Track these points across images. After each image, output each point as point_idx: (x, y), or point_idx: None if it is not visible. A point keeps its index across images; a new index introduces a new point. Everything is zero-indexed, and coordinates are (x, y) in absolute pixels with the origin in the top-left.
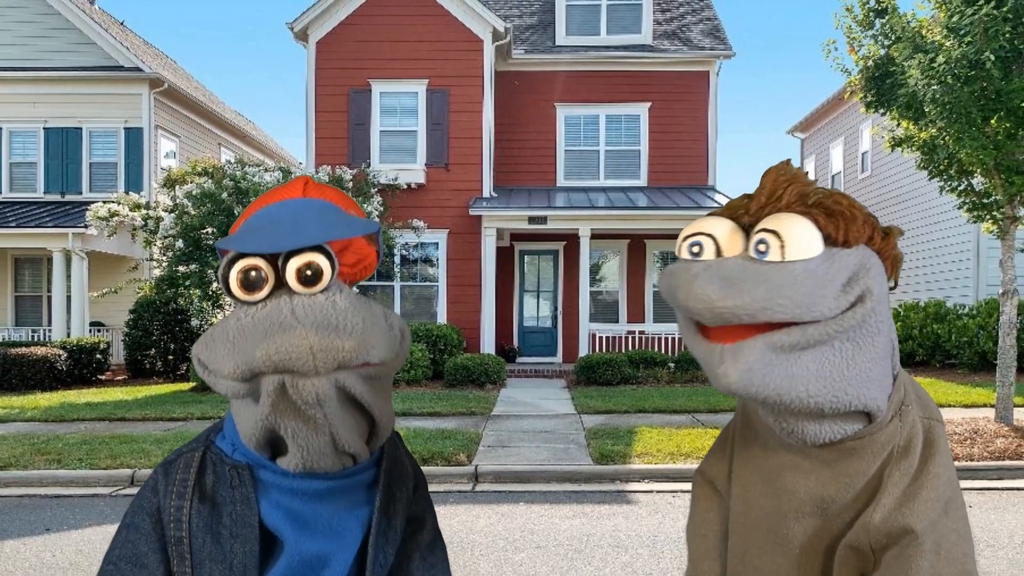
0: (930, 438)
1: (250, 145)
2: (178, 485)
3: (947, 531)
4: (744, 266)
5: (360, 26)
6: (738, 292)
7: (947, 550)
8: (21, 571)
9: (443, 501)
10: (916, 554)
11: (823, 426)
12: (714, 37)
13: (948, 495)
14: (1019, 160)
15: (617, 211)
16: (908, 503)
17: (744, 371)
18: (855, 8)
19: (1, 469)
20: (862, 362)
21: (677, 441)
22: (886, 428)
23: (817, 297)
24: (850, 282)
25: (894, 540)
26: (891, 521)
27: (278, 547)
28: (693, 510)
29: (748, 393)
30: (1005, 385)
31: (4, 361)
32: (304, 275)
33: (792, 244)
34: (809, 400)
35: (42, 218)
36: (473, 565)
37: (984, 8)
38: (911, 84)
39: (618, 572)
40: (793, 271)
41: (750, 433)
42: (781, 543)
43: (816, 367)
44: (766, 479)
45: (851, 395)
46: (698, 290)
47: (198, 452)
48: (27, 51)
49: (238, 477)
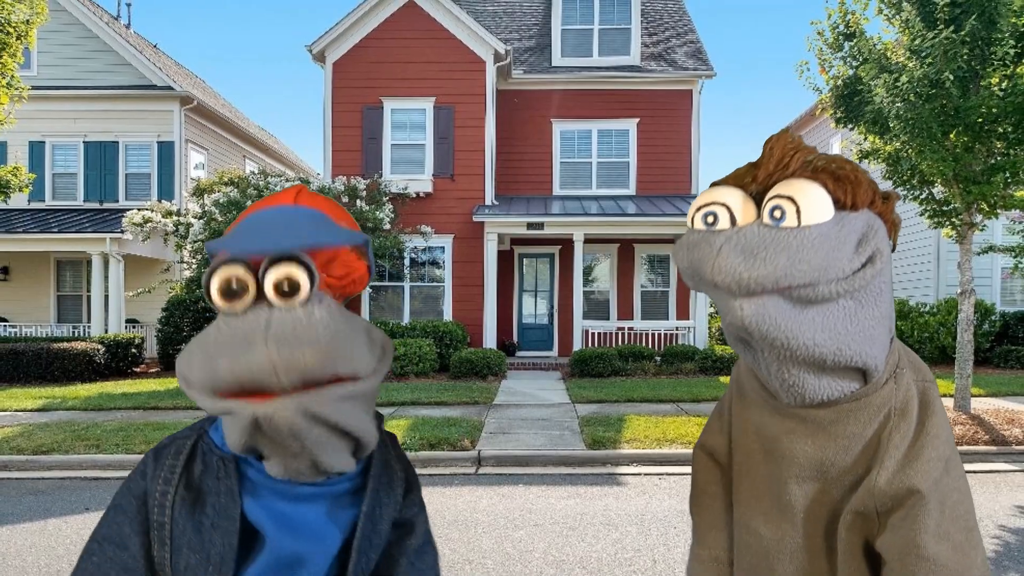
0: (926, 400)
1: (272, 157)
2: (166, 471)
3: (949, 489)
4: (763, 234)
5: (373, 48)
6: (762, 262)
7: (951, 507)
8: (63, 546)
9: (448, 483)
10: (923, 513)
11: (822, 381)
12: (697, 59)
13: (947, 454)
14: (976, 171)
15: (608, 218)
16: (911, 464)
17: (758, 306)
18: (826, 32)
19: (45, 453)
20: (865, 320)
21: (663, 428)
22: (881, 390)
23: (833, 259)
24: (861, 243)
25: (900, 502)
26: (896, 483)
27: (257, 542)
28: (695, 483)
29: (757, 329)
30: (963, 377)
31: (47, 355)
32: (282, 288)
33: (807, 209)
34: (815, 349)
35: (82, 224)
36: (476, 542)
37: (944, 32)
38: (877, 102)
39: (609, 548)
40: (810, 236)
41: (746, 403)
42: (785, 510)
43: (822, 319)
44: (765, 447)
45: (853, 350)
46: (723, 264)
47: (190, 440)
48: (69, 71)
49: (224, 469)
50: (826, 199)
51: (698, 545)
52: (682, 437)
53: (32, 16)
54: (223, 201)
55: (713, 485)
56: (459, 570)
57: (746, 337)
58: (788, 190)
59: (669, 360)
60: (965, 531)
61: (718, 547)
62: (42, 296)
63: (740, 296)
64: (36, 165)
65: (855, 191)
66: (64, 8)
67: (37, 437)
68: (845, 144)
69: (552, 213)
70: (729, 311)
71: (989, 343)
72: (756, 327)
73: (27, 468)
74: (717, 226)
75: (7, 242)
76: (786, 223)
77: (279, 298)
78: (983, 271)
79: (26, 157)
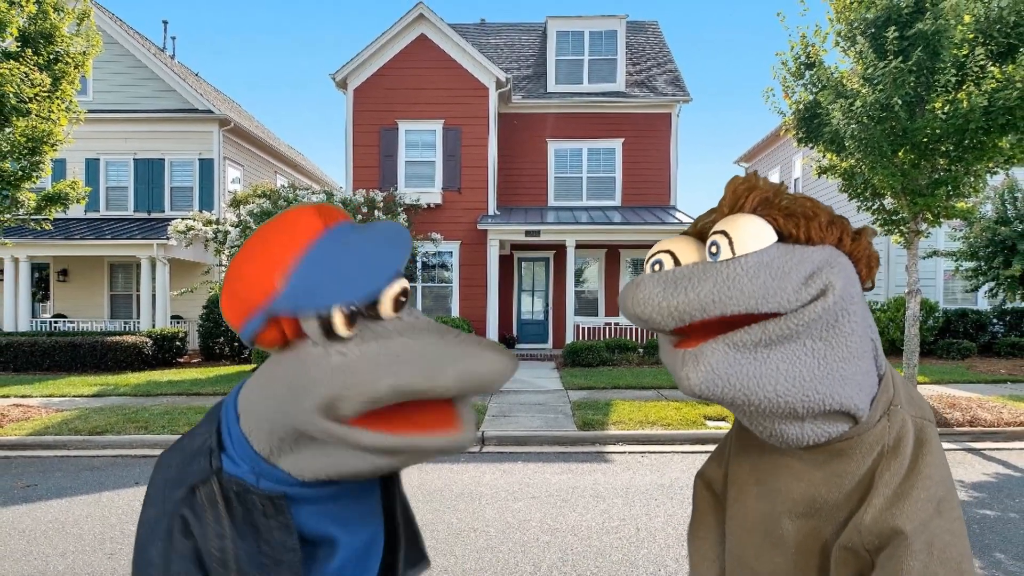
0: (921, 438)
1: (300, 172)
2: (213, 525)
3: (940, 531)
4: (693, 268)
5: (389, 76)
6: (682, 290)
7: (940, 550)
8: (115, 516)
9: (456, 460)
10: (907, 555)
11: (804, 428)
12: (675, 86)
13: (941, 495)
14: (921, 185)
15: (597, 226)
16: (898, 503)
17: (706, 372)
18: (789, 62)
19: (99, 434)
20: (834, 361)
21: (645, 412)
22: (874, 428)
23: (773, 287)
24: (812, 276)
25: (885, 541)
26: (881, 522)
27: (322, 549)
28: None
29: (712, 395)
30: (910, 367)
31: (101, 347)
32: (399, 301)
33: (740, 240)
34: (779, 400)
35: (132, 232)
36: (480, 512)
37: (893, 62)
38: (834, 124)
39: (597, 517)
40: (744, 264)
41: (746, 436)
42: (777, 544)
43: (786, 366)
44: (760, 481)
45: (823, 394)
46: (642, 294)
47: (212, 483)
48: (120, 97)
49: (272, 506)
50: (764, 229)
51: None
52: (662, 420)
53: (88, 48)
54: (257, 211)
55: (708, 515)
56: (465, 537)
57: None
58: (723, 225)
59: (651, 352)
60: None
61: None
62: (97, 295)
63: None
64: (91, 179)
65: (808, 224)
66: (116, 41)
67: (93, 420)
68: (806, 161)
69: (547, 222)
70: (679, 382)
71: (933, 337)
72: (709, 393)
73: (84, 447)
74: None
75: (66, 247)
76: (721, 257)
77: (394, 312)
78: (928, 273)
79: (83, 172)
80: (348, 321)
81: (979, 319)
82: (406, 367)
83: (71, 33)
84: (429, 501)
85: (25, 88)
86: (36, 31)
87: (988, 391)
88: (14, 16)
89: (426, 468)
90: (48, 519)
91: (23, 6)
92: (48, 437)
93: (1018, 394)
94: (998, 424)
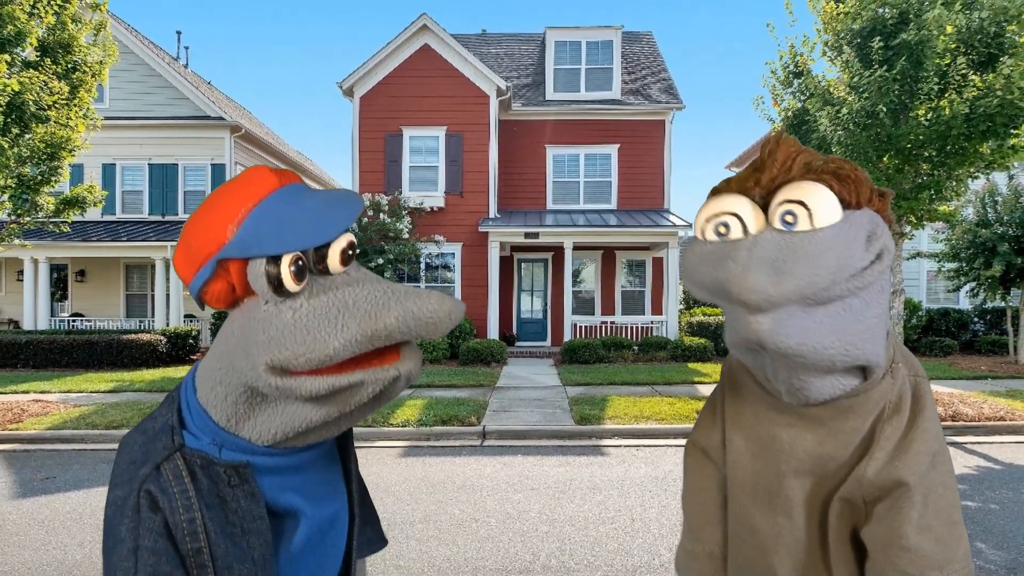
0: (918, 394)
1: (309, 177)
2: (180, 498)
3: (935, 483)
4: (780, 243)
5: (394, 84)
6: (787, 276)
7: (934, 501)
8: None
9: (458, 454)
10: (907, 505)
11: (826, 381)
12: (669, 93)
13: (936, 448)
14: (905, 189)
15: (593, 228)
16: (900, 456)
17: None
18: (778, 71)
19: (116, 428)
20: (870, 318)
21: (640, 407)
22: (880, 385)
23: (845, 259)
24: (870, 240)
25: (886, 492)
26: (884, 474)
27: (287, 521)
28: (688, 480)
29: (775, 342)
30: None
31: (117, 345)
32: (346, 254)
33: (818, 212)
34: (824, 352)
35: (147, 234)
36: (481, 503)
37: (878, 71)
38: (822, 130)
39: (594, 508)
40: (824, 239)
41: (740, 398)
42: (782, 504)
43: (830, 321)
44: (761, 442)
45: (860, 349)
46: (752, 283)
47: (177, 459)
48: (136, 104)
49: (238, 476)
50: (834, 200)
51: (691, 541)
52: (656, 415)
53: (104, 58)
54: None
55: (707, 480)
56: (467, 527)
57: (759, 349)
58: (798, 194)
59: (645, 349)
60: (948, 525)
61: (712, 542)
62: (113, 295)
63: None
64: (108, 184)
65: (858, 189)
66: (132, 51)
67: (109, 414)
68: None
69: (546, 224)
70: (744, 327)
71: (916, 335)
72: (773, 341)
73: (101, 441)
74: (730, 236)
75: (84, 249)
76: (798, 227)
77: (342, 265)
78: (912, 273)
79: (100, 177)
80: (296, 276)
81: (961, 318)
82: (353, 317)
83: (88, 43)
84: (432, 492)
85: (44, 96)
86: (55, 41)
87: (969, 387)
88: (34, 27)
89: (429, 461)
90: (66, 510)
91: (42, 17)
92: (66, 431)
93: (998, 390)
94: (979, 419)
